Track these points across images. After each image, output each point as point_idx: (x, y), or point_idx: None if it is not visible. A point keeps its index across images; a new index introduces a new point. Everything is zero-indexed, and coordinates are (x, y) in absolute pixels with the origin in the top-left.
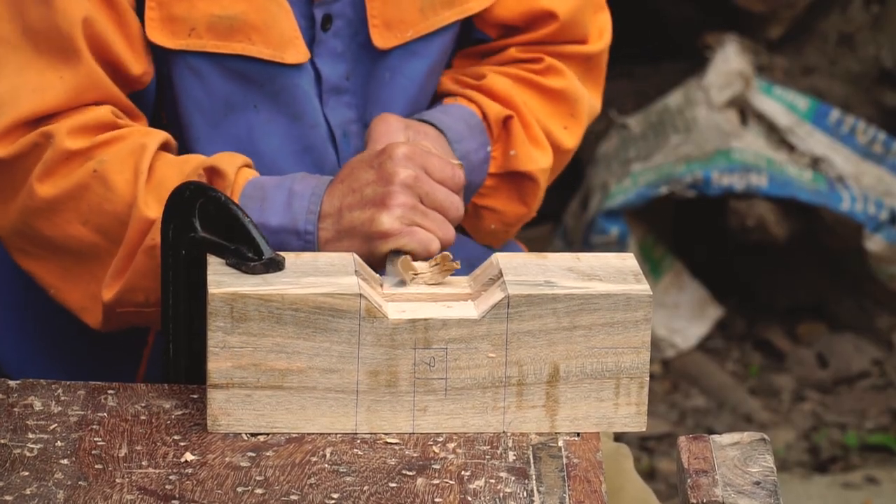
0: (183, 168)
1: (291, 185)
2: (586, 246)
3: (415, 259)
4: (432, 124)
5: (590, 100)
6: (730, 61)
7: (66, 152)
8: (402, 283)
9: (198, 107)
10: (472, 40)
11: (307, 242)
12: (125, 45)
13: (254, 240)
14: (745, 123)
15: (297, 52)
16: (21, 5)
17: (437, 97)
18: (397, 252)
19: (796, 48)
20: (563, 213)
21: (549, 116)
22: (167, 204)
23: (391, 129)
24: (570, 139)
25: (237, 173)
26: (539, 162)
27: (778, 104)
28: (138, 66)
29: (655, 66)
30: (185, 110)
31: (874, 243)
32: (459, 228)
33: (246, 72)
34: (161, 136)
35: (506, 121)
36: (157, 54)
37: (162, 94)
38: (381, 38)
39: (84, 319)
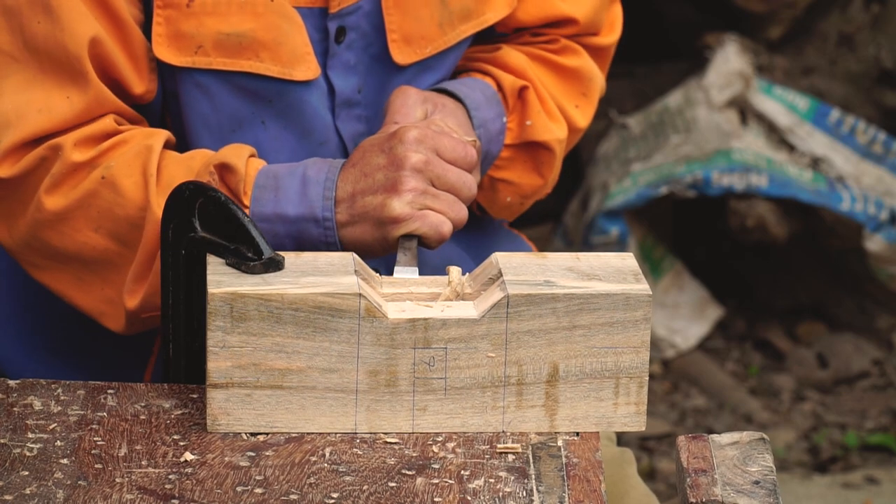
0: (190, 165)
1: (304, 171)
2: (586, 246)
3: (427, 241)
4: (451, 94)
5: (601, 81)
6: (730, 61)
7: (73, 164)
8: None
9: (204, 122)
10: (489, 39)
11: (326, 229)
12: (129, 65)
13: (253, 239)
14: (745, 123)
15: (307, 69)
16: (21, 17)
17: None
18: (409, 236)
19: (796, 48)
20: (563, 213)
21: (562, 94)
22: (167, 204)
23: (409, 103)
24: (582, 118)
25: (247, 165)
26: (555, 132)
27: (778, 104)
28: (140, 85)
29: (655, 66)
30: (192, 126)
31: (874, 243)
32: (473, 204)
33: (254, 88)
34: (163, 134)
35: (521, 91)
36: (164, 69)
37: (168, 109)
38: (401, 54)
39: (104, 324)
